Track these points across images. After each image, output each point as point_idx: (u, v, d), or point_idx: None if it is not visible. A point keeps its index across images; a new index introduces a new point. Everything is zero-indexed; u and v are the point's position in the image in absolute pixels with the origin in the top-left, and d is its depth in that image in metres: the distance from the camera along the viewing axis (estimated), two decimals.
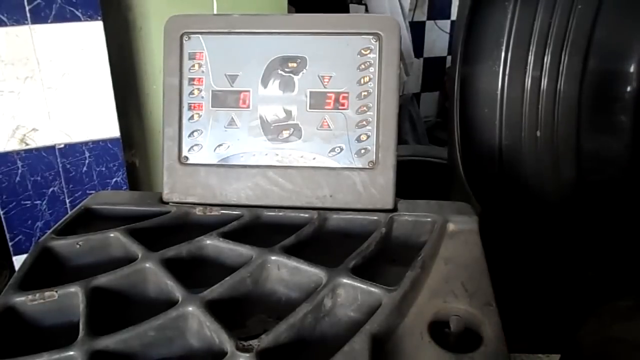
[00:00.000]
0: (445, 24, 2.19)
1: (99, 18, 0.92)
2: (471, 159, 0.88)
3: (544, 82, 0.79)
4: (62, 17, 0.90)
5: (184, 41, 0.60)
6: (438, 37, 2.21)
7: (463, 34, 0.87)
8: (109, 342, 0.40)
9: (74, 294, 0.45)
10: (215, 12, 1.05)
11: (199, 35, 0.60)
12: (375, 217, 0.56)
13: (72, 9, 0.90)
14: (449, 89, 0.95)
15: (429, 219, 0.56)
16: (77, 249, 0.53)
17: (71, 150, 0.97)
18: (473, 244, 0.52)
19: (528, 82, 0.79)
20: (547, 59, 0.78)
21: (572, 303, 0.81)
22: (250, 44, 0.59)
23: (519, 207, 0.84)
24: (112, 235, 0.53)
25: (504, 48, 0.80)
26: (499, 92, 0.82)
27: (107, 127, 0.99)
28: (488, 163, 0.85)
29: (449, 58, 2.16)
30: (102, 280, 0.47)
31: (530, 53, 0.79)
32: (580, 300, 0.78)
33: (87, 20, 0.91)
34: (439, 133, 2.03)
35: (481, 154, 0.86)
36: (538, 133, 0.80)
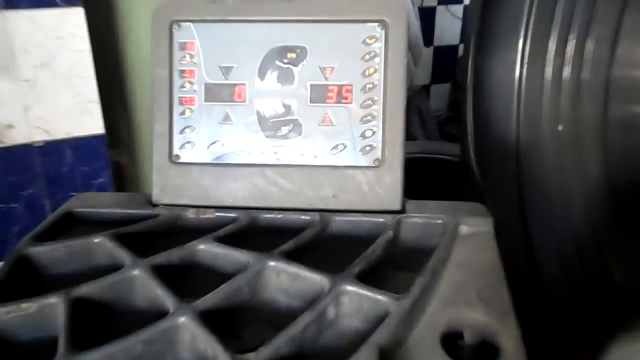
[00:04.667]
0: (458, 9, 2.18)
1: (80, 4, 0.92)
2: (486, 156, 0.88)
3: (567, 71, 0.78)
4: (39, 2, 0.90)
5: (174, 30, 0.60)
6: (450, 24, 2.21)
7: (477, 19, 0.87)
8: (92, 357, 0.40)
9: (54, 306, 0.45)
10: None
11: (191, 24, 0.60)
12: (381, 219, 0.56)
13: None
14: (462, 79, 0.95)
15: (439, 221, 0.56)
16: (58, 256, 0.53)
17: (51, 148, 0.97)
18: (488, 248, 0.52)
19: (548, 71, 0.79)
20: (570, 46, 0.78)
21: (599, 314, 0.81)
22: (246, 33, 0.59)
23: (539, 208, 0.84)
24: (96, 240, 0.54)
25: (522, 34, 0.80)
26: (516, 82, 0.81)
27: (91, 123, 0.99)
28: (504, 160, 0.84)
29: (462, 46, 2.16)
30: (85, 289, 0.47)
31: (551, 40, 0.79)
32: (608, 312, 0.78)
33: (66, 6, 0.92)
34: (450, 128, 2.03)
35: (497, 150, 0.85)
36: (559, 127, 0.80)
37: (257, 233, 0.57)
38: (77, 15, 0.93)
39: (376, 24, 0.58)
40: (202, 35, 0.60)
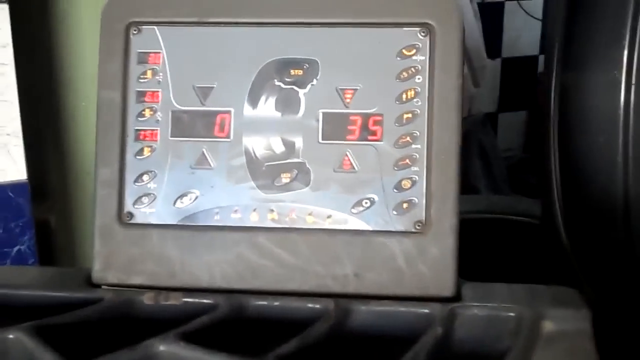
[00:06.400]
0: (535, 6, 2.22)
1: (4, 0, 0.95)
2: (579, 217, 0.88)
3: None
4: None
5: (132, 35, 0.61)
6: (525, 27, 2.24)
7: (562, 22, 0.88)
8: None
9: None
10: None
11: (155, 27, 0.61)
12: (426, 310, 0.56)
13: None
14: (543, 106, 0.96)
15: (512, 313, 0.55)
16: None
17: None
18: (584, 353, 0.52)
19: None
20: None
21: None
22: (232, 41, 0.61)
23: None
24: (11, 336, 0.54)
25: (626, 45, 0.81)
26: (621, 111, 0.82)
27: (8, 165, 1.00)
28: (606, 223, 0.84)
29: (542, 59, 2.19)
30: None
31: None
32: None
33: None
34: (527, 176, 2.03)
35: (596, 208, 0.85)
36: None
37: (244, 327, 0.57)
38: None
39: (417, 28, 0.59)
40: (171, 43, 0.61)
